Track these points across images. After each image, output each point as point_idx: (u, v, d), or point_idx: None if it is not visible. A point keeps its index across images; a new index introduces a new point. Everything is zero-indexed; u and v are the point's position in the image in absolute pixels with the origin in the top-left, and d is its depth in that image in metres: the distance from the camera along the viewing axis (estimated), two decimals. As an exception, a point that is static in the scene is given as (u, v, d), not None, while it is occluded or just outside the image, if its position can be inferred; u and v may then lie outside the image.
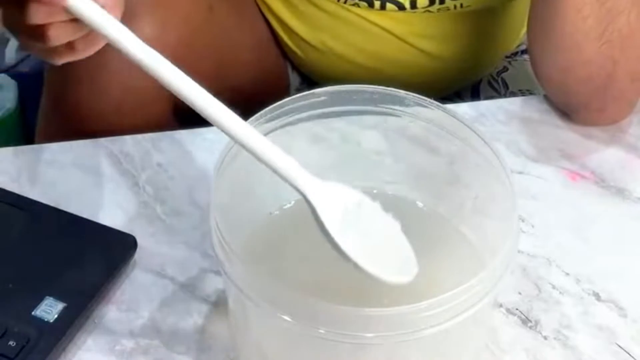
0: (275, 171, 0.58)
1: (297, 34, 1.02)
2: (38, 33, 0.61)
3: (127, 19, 0.86)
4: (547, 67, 0.87)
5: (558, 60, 0.85)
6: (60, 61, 0.65)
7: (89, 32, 0.62)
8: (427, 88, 1.02)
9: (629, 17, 0.79)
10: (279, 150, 0.58)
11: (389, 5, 0.95)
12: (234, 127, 0.58)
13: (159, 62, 0.59)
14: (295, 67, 1.10)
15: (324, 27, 1.00)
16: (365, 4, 0.96)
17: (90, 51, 0.64)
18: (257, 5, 1.05)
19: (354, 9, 0.97)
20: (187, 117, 0.96)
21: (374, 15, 0.97)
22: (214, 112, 0.59)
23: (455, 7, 0.95)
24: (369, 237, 0.59)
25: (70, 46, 0.63)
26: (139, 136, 0.85)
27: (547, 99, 0.90)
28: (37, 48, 0.63)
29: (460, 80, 1.07)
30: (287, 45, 1.05)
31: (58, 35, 0.61)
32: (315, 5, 0.99)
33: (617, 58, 0.81)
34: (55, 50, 0.63)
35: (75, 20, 0.60)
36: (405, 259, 0.59)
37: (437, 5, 0.95)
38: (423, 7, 0.95)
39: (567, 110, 0.88)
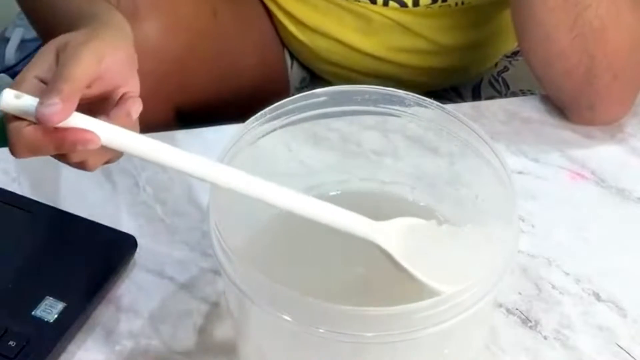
0: (335, 228, 0.60)
1: (303, 22, 1.03)
2: (77, 164, 0.62)
3: (132, 23, 0.87)
4: (529, 60, 0.88)
5: (535, 52, 0.86)
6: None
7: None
8: (431, 75, 1.03)
9: (598, 11, 0.80)
10: (334, 208, 0.60)
11: (391, 3, 0.96)
12: (283, 199, 0.59)
13: (206, 166, 0.59)
14: (295, 62, 1.10)
15: (331, 14, 1.00)
16: (367, 0, 0.96)
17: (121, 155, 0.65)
18: (263, 3, 1.05)
19: (358, 3, 0.98)
20: (187, 117, 0.96)
21: (377, 7, 0.98)
22: (266, 192, 0.59)
23: (456, 4, 0.96)
24: (430, 254, 0.62)
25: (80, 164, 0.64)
26: (139, 136, 0.85)
27: (547, 99, 0.90)
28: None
29: (463, 70, 1.08)
30: (292, 34, 1.05)
31: (96, 163, 0.63)
32: None
33: (592, 53, 0.82)
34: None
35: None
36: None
37: (439, 3, 0.95)
38: (425, 5, 0.96)
39: (562, 107, 0.89)
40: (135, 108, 0.62)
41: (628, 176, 0.83)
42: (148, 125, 0.89)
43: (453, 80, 1.09)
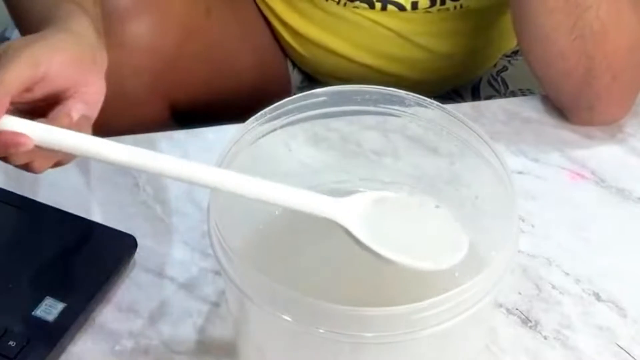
0: (294, 210, 0.58)
1: (298, 33, 1.03)
2: (23, 167, 0.62)
3: (124, 23, 0.87)
4: (529, 60, 0.88)
5: (535, 52, 0.86)
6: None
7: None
8: (427, 83, 1.03)
9: (598, 12, 0.80)
10: (291, 189, 0.58)
11: (389, 7, 0.96)
12: (234, 184, 0.58)
13: (143, 155, 0.59)
14: (296, 66, 1.10)
15: (326, 25, 1.00)
16: (365, 5, 0.96)
17: (43, 169, 0.65)
18: (257, 6, 1.05)
19: (354, 9, 0.97)
20: (186, 118, 0.97)
21: (375, 15, 0.98)
22: (217, 178, 0.58)
23: (455, 7, 0.96)
24: (400, 229, 0.60)
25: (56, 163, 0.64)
26: (139, 136, 0.85)
27: (547, 99, 0.90)
28: None
29: (461, 75, 1.08)
30: (288, 43, 1.05)
31: (42, 165, 0.63)
32: (317, 6, 0.99)
33: (592, 54, 0.82)
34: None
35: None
36: (448, 238, 0.60)
37: (437, 7, 0.95)
38: (424, 9, 0.95)
39: (561, 108, 0.89)
40: (77, 107, 0.62)
41: (628, 176, 0.83)
42: (144, 123, 0.89)
43: (451, 86, 1.09)
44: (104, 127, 0.87)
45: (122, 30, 0.87)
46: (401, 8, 0.96)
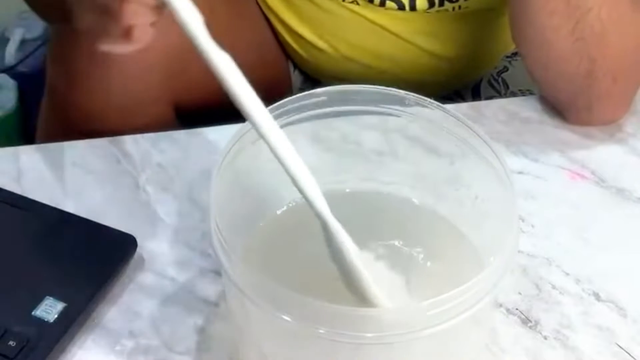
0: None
1: (298, 34, 1.03)
2: (113, 7, 0.60)
3: None
4: (528, 63, 0.88)
5: (534, 55, 0.86)
6: (105, 46, 0.63)
7: (155, 20, 0.61)
8: (427, 86, 1.03)
9: (599, 14, 0.80)
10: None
11: (388, 3, 0.96)
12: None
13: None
14: (297, 67, 1.10)
15: (326, 26, 1.00)
16: (365, 0, 0.96)
17: (143, 41, 0.63)
18: (259, 6, 1.06)
19: (353, 6, 0.97)
20: (187, 117, 0.97)
21: (374, 14, 0.97)
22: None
23: (453, 9, 0.96)
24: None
25: (127, 33, 0.62)
26: (139, 136, 0.85)
27: (547, 99, 0.90)
28: (96, 24, 0.61)
29: (460, 78, 1.08)
30: (289, 45, 1.05)
31: (134, 12, 0.61)
32: (316, 4, 0.99)
33: (593, 56, 0.82)
34: (112, 33, 0.62)
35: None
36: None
37: (436, 8, 0.95)
38: (422, 10, 0.95)
39: (559, 108, 0.89)
40: None
41: (628, 176, 0.83)
42: (148, 122, 0.89)
43: (451, 88, 1.09)
44: (110, 126, 0.88)
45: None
46: (400, 6, 0.96)
